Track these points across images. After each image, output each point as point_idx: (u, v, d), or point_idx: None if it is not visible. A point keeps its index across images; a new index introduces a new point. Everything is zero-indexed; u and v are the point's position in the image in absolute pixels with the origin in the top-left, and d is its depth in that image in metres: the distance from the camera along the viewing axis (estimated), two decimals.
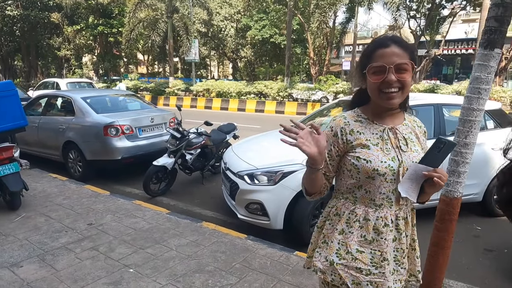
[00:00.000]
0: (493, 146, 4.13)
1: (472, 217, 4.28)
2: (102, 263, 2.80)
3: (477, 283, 2.95)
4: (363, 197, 1.25)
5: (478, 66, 1.78)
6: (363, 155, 1.22)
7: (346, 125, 1.26)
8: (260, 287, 2.51)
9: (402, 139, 1.26)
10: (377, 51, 1.18)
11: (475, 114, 1.82)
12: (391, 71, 1.15)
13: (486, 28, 1.74)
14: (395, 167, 1.21)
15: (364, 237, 1.24)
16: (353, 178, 1.25)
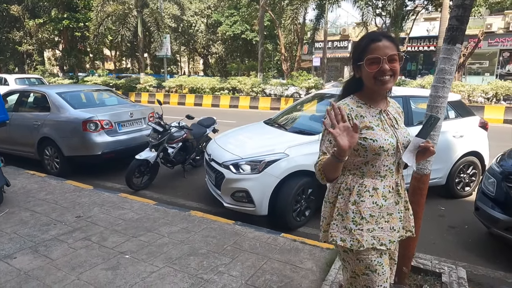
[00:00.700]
0: (454, 134, 4.55)
1: (437, 199, 4.69)
2: (97, 251, 2.88)
3: (443, 255, 3.30)
4: (370, 171, 1.45)
5: (442, 59, 2.06)
6: (369, 135, 1.41)
7: (351, 111, 1.45)
8: (252, 265, 2.70)
9: (393, 119, 1.51)
10: (371, 44, 1.38)
11: (441, 101, 2.09)
12: (384, 62, 1.36)
13: (449, 26, 2.02)
14: (394, 143, 1.45)
15: (375, 203, 1.44)
16: (360, 156, 1.44)
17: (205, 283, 2.45)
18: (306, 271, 2.63)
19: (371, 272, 1.43)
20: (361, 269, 1.45)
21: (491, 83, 12.73)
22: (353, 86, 1.52)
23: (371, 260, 1.44)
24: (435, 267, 2.48)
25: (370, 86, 1.44)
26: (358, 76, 1.46)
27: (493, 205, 3.19)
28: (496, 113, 11.50)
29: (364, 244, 1.41)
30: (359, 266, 1.45)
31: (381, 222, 1.45)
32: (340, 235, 1.46)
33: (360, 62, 1.41)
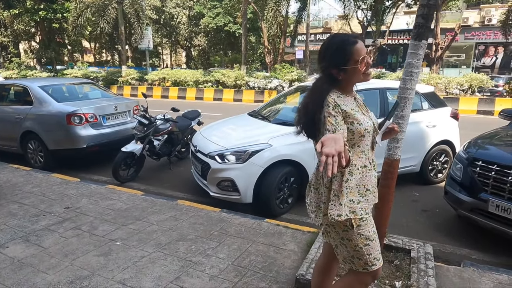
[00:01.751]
0: (427, 124, 4.82)
1: (412, 185, 4.97)
2: (88, 239, 2.99)
3: (414, 236, 3.55)
4: (356, 151, 1.63)
5: (410, 54, 2.25)
6: (355, 120, 1.58)
7: (337, 100, 1.58)
8: (238, 248, 2.87)
9: (362, 105, 1.72)
10: (354, 47, 1.56)
11: (409, 92, 2.29)
12: (368, 58, 1.59)
13: (416, 24, 2.21)
14: (372, 124, 1.66)
15: (364, 179, 1.65)
16: (348, 139, 1.58)
17: (194, 265, 2.60)
18: (288, 252, 2.82)
19: (370, 241, 1.63)
20: (362, 241, 1.62)
21: (466, 76, 13.25)
22: (328, 86, 1.63)
23: (369, 232, 1.63)
24: (405, 245, 2.71)
25: (357, 80, 1.64)
26: (341, 78, 1.60)
27: (460, 189, 3.46)
28: (470, 104, 12.01)
29: (358, 214, 1.61)
30: (361, 239, 1.62)
31: (367, 195, 1.66)
32: (337, 212, 1.61)
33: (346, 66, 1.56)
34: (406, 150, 4.70)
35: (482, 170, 3.26)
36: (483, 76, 13.26)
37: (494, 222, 3.13)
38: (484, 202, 3.17)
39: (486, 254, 3.22)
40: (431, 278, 2.27)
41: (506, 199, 3.04)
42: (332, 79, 1.61)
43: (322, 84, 1.65)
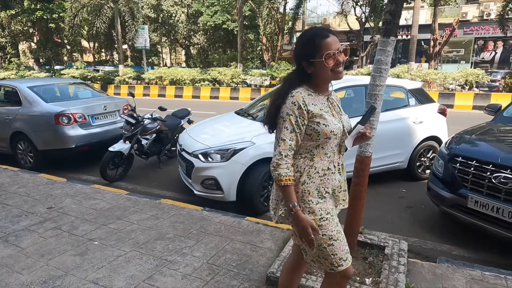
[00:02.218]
0: (414, 120, 4.81)
1: (399, 182, 4.97)
2: (67, 239, 3.00)
3: (398, 232, 3.56)
4: (319, 153, 1.59)
5: (379, 51, 2.25)
6: (322, 121, 1.54)
7: (304, 98, 1.54)
8: (215, 246, 2.88)
9: (336, 106, 1.67)
10: (324, 41, 1.51)
11: (378, 89, 2.28)
12: (339, 55, 1.52)
13: (384, 20, 2.20)
14: (341, 127, 1.61)
15: (323, 181, 1.61)
16: (312, 140, 1.57)
17: (168, 264, 2.61)
18: (265, 249, 2.82)
19: (334, 241, 1.59)
20: (326, 241, 1.58)
21: (461, 71, 13.19)
22: (300, 79, 1.61)
23: (331, 232, 1.58)
24: (380, 241, 2.71)
25: (325, 78, 1.57)
26: (310, 72, 1.57)
27: (441, 185, 3.45)
28: (465, 99, 11.97)
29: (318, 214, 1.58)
30: (324, 239, 1.58)
31: (326, 197, 1.62)
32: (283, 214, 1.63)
33: (314, 59, 1.52)
34: (392, 146, 4.74)
35: (462, 166, 3.25)
36: (478, 71, 13.21)
37: (473, 218, 3.12)
38: (464, 198, 3.16)
39: (466, 250, 3.22)
40: (401, 274, 2.28)
41: (484, 195, 3.03)
42: (303, 72, 1.59)
43: (293, 77, 1.64)
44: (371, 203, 4.28)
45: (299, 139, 1.57)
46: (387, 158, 4.72)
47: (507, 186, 2.86)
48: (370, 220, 3.83)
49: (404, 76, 13.46)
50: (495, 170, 2.96)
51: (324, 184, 1.61)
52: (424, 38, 23.18)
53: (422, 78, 13.09)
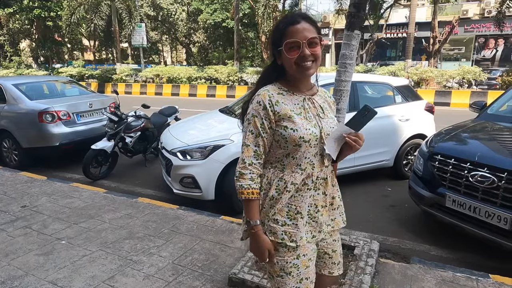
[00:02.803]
0: (400, 117, 4.72)
1: (386, 180, 4.89)
2: (35, 238, 2.95)
3: (377, 232, 3.49)
4: (290, 164, 1.33)
5: (343, 45, 2.17)
6: (290, 124, 1.30)
7: (271, 97, 1.32)
8: (183, 246, 2.82)
9: (319, 108, 1.38)
10: (290, 27, 1.27)
11: (343, 84, 2.21)
12: (304, 46, 1.25)
13: (348, 13, 2.12)
14: (317, 133, 1.32)
15: (293, 199, 1.34)
16: (281, 148, 1.33)
17: (133, 264, 2.56)
18: (234, 249, 2.76)
19: (286, 275, 1.35)
20: (276, 271, 1.37)
21: (458, 69, 13.05)
22: (275, 74, 1.40)
23: (286, 263, 1.35)
24: (351, 242, 2.64)
25: (292, 73, 1.33)
26: (280, 63, 1.34)
27: (421, 184, 3.38)
28: (462, 97, 11.84)
29: (279, 237, 1.35)
30: (275, 267, 1.38)
31: (297, 219, 1.35)
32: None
33: (280, 48, 1.30)
34: (378, 144, 4.66)
35: (440, 164, 3.17)
36: (475, 68, 13.06)
37: (451, 217, 3.05)
38: (442, 197, 3.08)
39: (444, 250, 3.15)
40: (367, 276, 2.21)
41: (462, 194, 2.96)
42: (277, 65, 1.37)
43: (268, 72, 1.44)
44: (355, 201, 4.22)
45: (267, 144, 1.35)
46: (372, 156, 4.64)
47: (483, 185, 2.78)
48: (351, 219, 3.71)
49: (401, 74, 13.34)
50: (472, 168, 2.88)
51: (297, 202, 1.35)
52: (424, 36, 23.02)
53: (418, 76, 12.96)
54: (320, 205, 1.39)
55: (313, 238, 1.39)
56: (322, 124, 1.36)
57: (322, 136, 1.33)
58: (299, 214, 1.35)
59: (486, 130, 3.51)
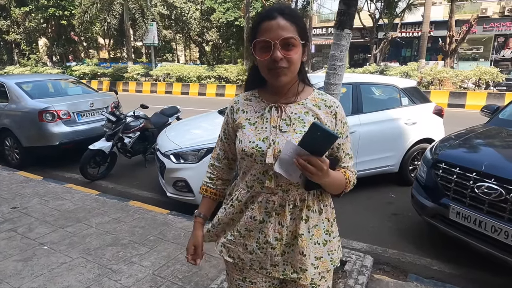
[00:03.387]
0: (406, 121, 4.49)
1: (390, 186, 4.67)
2: (18, 243, 2.88)
3: (376, 242, 3.30)
4: (241, 178, 1.22)
5: (333, 45, 2.00)
6: (239, 135, 1.18)
7: (235, 104, 1.23)
8: (167, 255, 2.70)
9: (287, 119, 1.14)
10: (263, 24, 1.07)
11: (333, 88, 2.03)
12: (276, 47, 1.04)
13: (338, 11, 1.95)
14: (263, 147, 1.11)
15: (232, 213, 1.22)
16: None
17: (111, 274, 2.45)
18: (219, 260, 2.62)
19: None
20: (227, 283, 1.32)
21: (474, 69, 12.57)
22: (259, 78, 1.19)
23: (233, 278, 1.27)
24: (343, 256, 2.45)
25: (265, 77, 1.13)
26: (257, 64, 1.15)
27: (423, 193, 3.17)
28: (478, 99, 11.39)
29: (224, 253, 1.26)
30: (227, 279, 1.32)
31: (235, 235, 1.22)
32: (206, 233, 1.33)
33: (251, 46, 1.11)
34: (382, 148, 4.44)
35: (444, 173, 2.95)
36: (493, 69, 12.55)
37: (454, 230, 2.83)
38: (445, 208, 2.87)
39: (447, 265, 2.94)
40: None
41: (467, 206, 2.74)
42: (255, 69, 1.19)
43: (249, 76, 1.26)
44: (356, 208, 4.04)
45: (228, 150, 1.27)
46: (376, 161, 4.43)
47: (490, 197, 2.56)
48: (350, 227, 3.59)
49: (414, 75, 12.95)
50: (479, 179, 2.66)
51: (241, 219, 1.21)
52: (441, 35, 22.41)
53: (432, 77, 12.54)
54: (272, 236, 1.16)
55: (262, 270, 1.20)
56: (278, 138, 1.11)
57: (269, 151, 1.09)
58: (238, 233, 1.21)
59: (495, 137, 3.27)
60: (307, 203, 1.16)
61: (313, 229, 1.19)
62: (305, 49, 1.13)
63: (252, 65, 1.23)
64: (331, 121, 1.17)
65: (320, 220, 1.21)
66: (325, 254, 1.21)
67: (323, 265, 1.21)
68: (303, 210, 1.16)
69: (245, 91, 1.27)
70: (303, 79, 1.20)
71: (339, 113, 1.19)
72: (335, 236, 1.26)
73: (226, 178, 1.34)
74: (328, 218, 1.24)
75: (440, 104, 11.24)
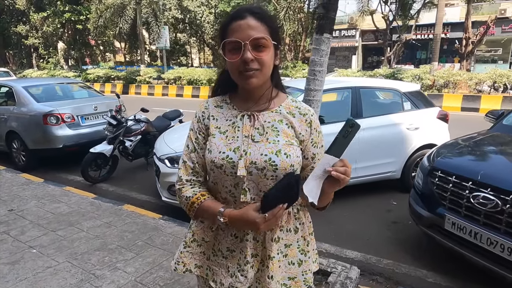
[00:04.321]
0: (408, 126, 4.37)
1: (391, 192, 4.54)
2: (8, 246, 2.91)
3: (371, 252, 3.20)
4: (212, 190, 1.16)
5: (313, 50, 1.94)
6: (209, 144, 1.10)
7: (206, 109, 1.16)
8: (152, 261, 2.68)
9: (260, 128, 1.09)
10: (232, 24, 1.03)
11: (313, 94, 1.97)
12: (247, 48, 0.99)
13: (317, 15, 1.89)
14: (234, 158, 1.05)
15: (211, 229, 1.17)
16: None
17: (94, 279, 2.44)
18: None
19: None
20: None
21: (489, 72, 12.18)
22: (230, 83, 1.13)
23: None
24: (328, 266, 2.38)
25: (235, 80, 1.07)
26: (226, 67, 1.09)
27: (420, 201, 3.05)
28: (493, 103, 11.02)
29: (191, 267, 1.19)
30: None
31: (192, 247, 1.19)
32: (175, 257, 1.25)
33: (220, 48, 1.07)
34: (383, 154, 4.32)
35: (440, 182, 2.84)
36: (509, 72, 12.13)
37: (450, 241, 2.71)
38: (441, 218, 2.75)
39: (444, 277, 2.81)
40: None
41: (462, 216, 2.62)
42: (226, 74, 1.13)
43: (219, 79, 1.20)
44: (353, 215, 3.94)
45: (204, 161, 1.13)
46: (376, 167, 4.32)
47: (486, 207, 2.44)
48: (346, 235, 3.51)
49: (426, 77, 12.65)
50: (475, 188, 2.54)
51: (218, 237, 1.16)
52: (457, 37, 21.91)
53: (445, 79, 12.23)
54: (250, 254, 1.11)
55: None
56: (250, 148, 1.06)
57: (240, 163, 1.04)
58: (195, 242, 1.18)
59: (496, 144, 3.13)
60: (280, 223, 1.11)
61: (287, 248, 1.15)
62: (277, 51, 1.08)
63: (222, 70, 1.17)
64: (305, 130, 1.12)
65: (295, 239, 1.17)
66: (299, 274, 1.17)
67: (296, 285, 1.17)
68: (276, 231, 1.11)
69: (212, 97, 1.21)
70: (276, 84, 1.14)
71: (314, 121, 1.14)
72: (311, 255, 1.22)
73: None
74: (304, 237, 1.20)
75: (453, 108, 11.01)
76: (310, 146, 1.13)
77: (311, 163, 1.15)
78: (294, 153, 1.07)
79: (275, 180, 1.05)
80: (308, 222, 1.22)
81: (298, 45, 27.76)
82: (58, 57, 31.02)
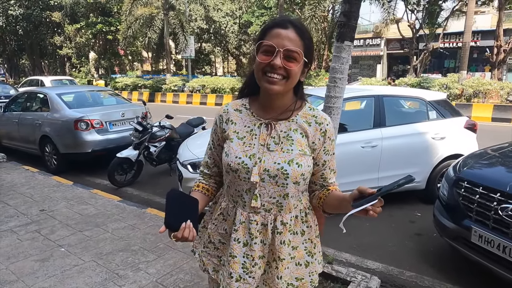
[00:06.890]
0: (434, 135, 4.26)
1: (416, 203, 4.43)
2: (39, 244, 3.06)
3: (393, 263, 3.12)
4: (226, 192, 1.21)
5: (334, 58, 1.96)
6: (226, 147, 1.16)
7: (224, 113, 1.21)
8: (173, 263, 2.73)
9: (276, 137, 1.13)
10: (273, 30, 1.07)
11: (333, 101, 1.98)
12: (279, 55, 1.04)
13: (338, 23, 1.92)
14: (249, 165, 1.11)
15: (225, 230, 1.22)
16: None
17: (117, 279, 2.52)
18: None
19: None
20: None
21: None
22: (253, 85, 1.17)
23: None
24: (347, 275, 2.35)
25: (257, 80, 1.11)
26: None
27: (444, 212, 2.97)
28: None
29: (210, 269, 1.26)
30: None
31: (209, 247, 1.26)
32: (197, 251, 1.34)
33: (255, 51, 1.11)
34: (407, 164, 4.24)
35: (466, 193, 2.75)
36: None
37: (477, 255, 2.62)
38: (467, 230, 2.66)
39: None
40: None
41: (490, 229, 2.52)
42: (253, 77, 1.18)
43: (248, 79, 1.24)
44: (375, 225, 3.86)
45: (218, 159, 1.23)
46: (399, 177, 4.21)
47: None
48: (367, 245, 3.44)
49: (454, 87, 12.29)
50: (503, 200, 2.45)
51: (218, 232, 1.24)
52: (488, 45, 21.19)
53: (474, 89, 11.83)
54: (257, 256, 1.15)
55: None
56: (264, 156, 1.11)
57: (254, 169, 1.10)
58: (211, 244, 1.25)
59: None
60: (288, 227, 1.16)
61: (294, 250, 1.19)
62: (306, 69, 1.13)
63: (251, 71, 1.18)
64: (319, 139, 1.16)
65: (302, 241, 1.21)
66: (306, 275, 1.23)
67: (303, 286, 1.22)
68: (285, 234, 1.16)
69: (239, 97, 1.26)
70: (300, 97, 1.20)
71: (328, 130, 1.18)
72: (317, 257, 1.26)
73: (219, 180, 1.29)
74: (311, 240, 1.25)
75: (483, 118, 10.62)
76: (322, 153, 1.19)
77: (322, 169, 1.21)
78: (305, 163, 1.13)
79: (285, 188, 1.12)
80: (314, 225, 1.26)
81: (321, 54, 27.71)
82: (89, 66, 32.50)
